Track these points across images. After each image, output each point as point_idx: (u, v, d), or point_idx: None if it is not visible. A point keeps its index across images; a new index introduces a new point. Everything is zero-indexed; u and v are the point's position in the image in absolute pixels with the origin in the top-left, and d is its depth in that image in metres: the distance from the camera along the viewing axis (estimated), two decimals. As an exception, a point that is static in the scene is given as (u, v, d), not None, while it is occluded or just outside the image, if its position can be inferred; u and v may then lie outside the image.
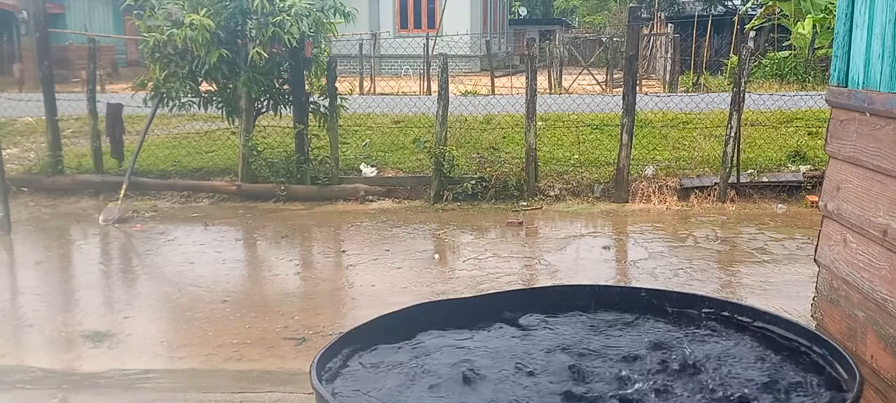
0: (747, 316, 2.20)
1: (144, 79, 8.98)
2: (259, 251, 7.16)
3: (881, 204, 2.29)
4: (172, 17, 8.19)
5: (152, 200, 8.72)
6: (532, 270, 6.33)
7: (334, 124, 8.90)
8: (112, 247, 7.21)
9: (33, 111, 11.49)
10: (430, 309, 2.31)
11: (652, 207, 8.28)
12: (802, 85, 17.94)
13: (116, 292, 5.98)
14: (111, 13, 27.32)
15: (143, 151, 9.24)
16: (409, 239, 7.17)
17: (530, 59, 9.00)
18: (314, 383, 1.79)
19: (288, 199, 8.57)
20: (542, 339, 2.14)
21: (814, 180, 8.31)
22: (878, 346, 2.30)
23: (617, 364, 1.96)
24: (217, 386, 4.19)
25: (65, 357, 4.59)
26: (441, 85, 8.74)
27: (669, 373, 1.89)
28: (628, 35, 9.16)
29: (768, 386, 1.84)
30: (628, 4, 15.70)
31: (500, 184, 8.51)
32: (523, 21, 41.50)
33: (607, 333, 2.18)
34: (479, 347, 2.08)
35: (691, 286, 5.67)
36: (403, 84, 19.12)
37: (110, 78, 21.72)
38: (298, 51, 8.56)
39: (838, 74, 2.56)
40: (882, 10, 2.28)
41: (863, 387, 1.77)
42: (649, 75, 24.02)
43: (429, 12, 29.00)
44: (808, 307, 2.87)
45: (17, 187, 8.80)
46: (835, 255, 2.58)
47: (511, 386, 1.86)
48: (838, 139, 2.56)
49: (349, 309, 5.47)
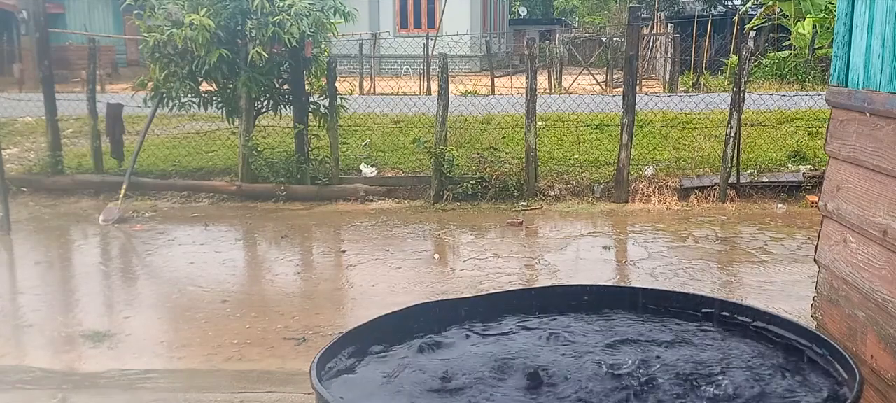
0: (747, 316, 2.20)
1: (144, 79, 8.98)
2: (259, 251, 7.15)
3: (881, 204, 2.28)
4: (172, 17, 8.19)
5: (152, 200, 8.72)
6: (532, 270, 6.33)
7: (334, 124, 8.90)
8: (112, 247, 7.21)
9: (33, 111, 11.49)
10: (429, 309, 2.31)
11: (652, 207, 8.28)
12: (802, 85, 17.94)
13: (116, 292, 5.98)
14: (111, 13, 27.32)
15: (143, 151, 9.24)
16: (409, 239, 7.17)
17: (530, 58, 9.00)
18: (314, 383, 1.79)
19: (288, 199, 8.57)
20: (544, 339, 2.13)
21: (814, 180, 8.31)
22: (878, 346, 2.30)
23: (617, 362, 1.96)
24: (217, 386, 4.19)
25: (65, 358, 4.59)
26: (441, 85, 8.74)
27: (668, 373, 1.89)
28: (628, 35, 9.16)
29: (768, 386, 1.83)
30: (628, 4, 15.70)
31: (500, 184, 8.51)
32: (523, 21, 41.50)
33: (607, 333, 2.18)
34: (480, 347, 2.08)
35: (691, 286, 5.67)
36: (403, 84, 19.11)
37: (110, 78, 21.72)
38: (298, 51, 8.56)
39: (838, 74, 2.55)
40: (882, 10, 2.28)
41: (863, 387, 1.77)
42: (649, 75, 24.02)
43: (429, 12, 29.00)
44: (808, 307, 2.87)
45: (17, 187, 8.80)
46: (835, 255, 2.58)
47: (513, 386, 1.86)
48: (838, 139, 2.56)
49: (349, 309, 5.47)
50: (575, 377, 1.88)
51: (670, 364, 1.94)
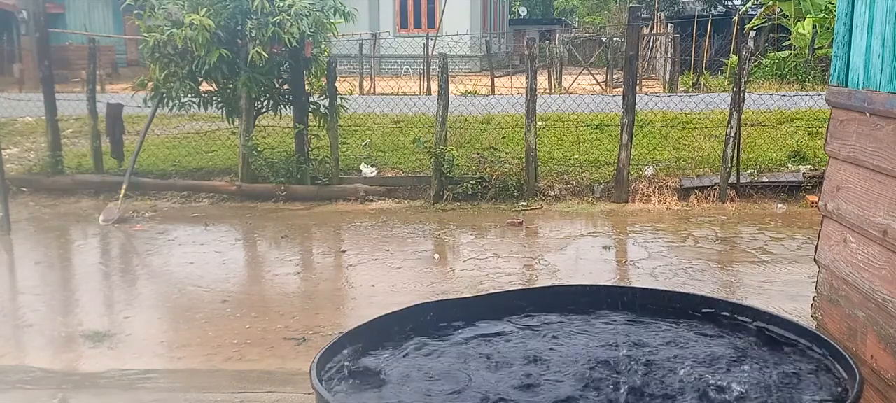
0: (747, 315, 2.20)
1: (144, 79, 8.98)
2: (259, 251, 7.15)
3: (881, 204, 2.28)
4: (172, 17, 8.19)
5: (152, 200, 8.72)
6: (532, 270, 6.33)
7: (334, 124, 8.90)
8: (112, 247, 7.21)
9: (33, 111, 11.49)
10: (429, 309, 2.31)
11: (652, 207, 8.28)
12: (802, 85, 17.94)
13: (116, 292, 5.98)
14: (111, 13, 27.31)
15: (143, 151, 9.24)
16: (409, 239, 7.17)
17: (530, 58, 9.00)
18: (314, 383, 1.79)
19: (288, 199, 8.57)
20: (543, 339, 2.13)
21: (814, 180, 8.31)
22: (878, 346, 2.30)
23: (617, 362, 1.96)
24: (217, 386, 4.19)
25: (65, 357, 4.59)
26: (441, 85, 8.74)
27: (668, 373, 1.89)
28: (628, 35, 9.16)
29: (768, 387, 1.83)
30: (628, 4, 15.70)
31: (500, 184, 8.51)
32: (523, 21, 41.49)
33: (607, 333, 2.18)
34: (480, 347, 2.08)
35: (691, 286, 5.67)
36: (403, 84, 19.11)
37: (110, 78, 21.71)
38: (298, 51, 8.56)
39: (838, 74, 2.55)
40: (882, 10, 2.28)
41: (863, 387, 1.77)
42: (649, 75, 24.01)
43: (429, 12, 29.00)
44: (808, 307, 2.87)
45: (17, 187, 8.80)
46: (835, 255, 2.58)
47: (511, 386, 1.86)
48: (838, 139, 2.56)
49: (349, 309, 5.47)
50: (571, 376, 1.88)
51: (670, 365, 1.94)
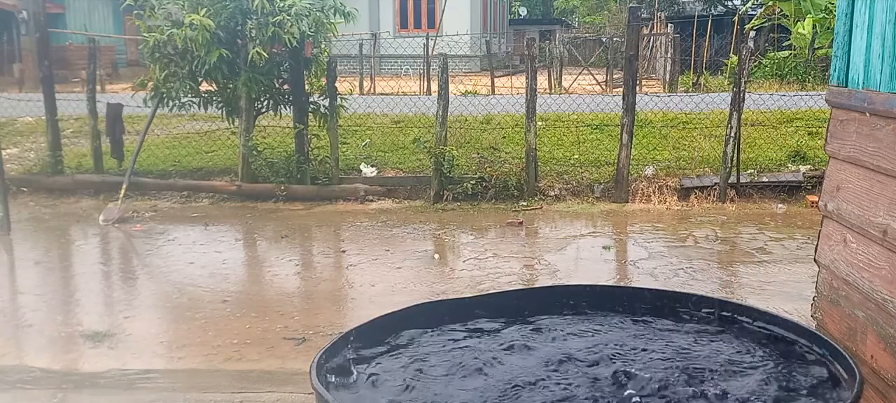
0: (748, 315, 2.20)
1: (144, 79, 8.98)
2: (259, 251, 7.15)
3: (881, 204, 2.28)
4: (172, 17, 8.19)
5: (152, 200, 8.72)
6: (532, 270, 6.33)
7: (334, 124, 8.90)
8: (112, 247, 7.21)
9: (33, 111, 11.48)
10: (429, 309, 2.31)
11: (652, 207, 8.28)
12: (802, 85, 17.93)
13: (116, 292, 5.98)
14: (111, 13, 27.31)
15: (143, 151, 9.24)
16: (409, 240, 7.17)
17: (530, 58, 9.00)
18: (314, 383, 1.79)
19: (288, 199, 8.57)
20: (543, 339, 2.13)
21: (814, 180, 8.31)
22: (878, 346, 2.30)
23: (618, 363, 1.96)
24: (217, 386, 4.19)
25: (65, 358, 4.59)
26: (441, 85, 8.74)
27: (668, 373, 1.89)
28: (628, 35, 9.16)
29: (768, 386, 1.83)
30: (628, 4, 15.69)
31: (500, 184, 8.51)
32: (523, 21, 41.47)
33: (607, 333, 2.18)
34: (480, 347, 2.08)
35: (691, 286, 5.67)
36: (403, 84, 19.11)
37: (110, 78, 21.72)
38: (298, 51, 8.56)
39: (838, 74, 2.55)
40: (882, 10, 2.28)
41: (863, 387, 1.77)
42: (649, 75, 24.01)
43: (429, 12, 28.99)
44: (808, 307, 2.87)
45: (17, 187, 8.80)
46: (835, 255, 2.58)
47: (511, 386, 1.86)
48: (838, 139, 2.56)
49: (349, 309, 5.47)
50: (571, 376, 1.88)
51: (670, 365, 1.94)
